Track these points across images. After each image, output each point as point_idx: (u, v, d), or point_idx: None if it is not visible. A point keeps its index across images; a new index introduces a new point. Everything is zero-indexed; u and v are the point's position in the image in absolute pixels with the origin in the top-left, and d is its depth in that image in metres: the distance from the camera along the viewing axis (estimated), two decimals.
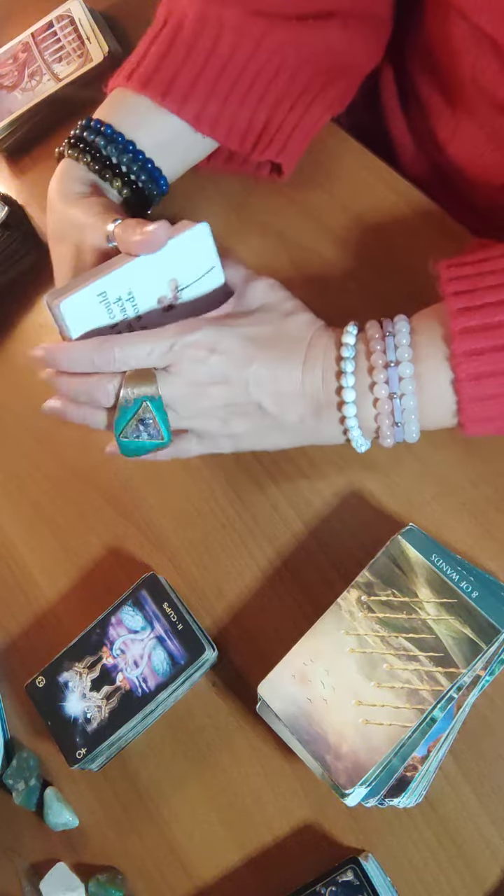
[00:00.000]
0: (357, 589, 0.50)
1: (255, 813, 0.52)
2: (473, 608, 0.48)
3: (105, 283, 0.49)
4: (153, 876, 0.53)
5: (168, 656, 0.53)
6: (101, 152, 0.55)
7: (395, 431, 0.48)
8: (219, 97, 0.56)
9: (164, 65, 0.55)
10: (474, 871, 0.48)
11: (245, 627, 0.55)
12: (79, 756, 0.52)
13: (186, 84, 0.55)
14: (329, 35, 0.57)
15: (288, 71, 0.56)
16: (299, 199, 0.63)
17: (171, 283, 0.51)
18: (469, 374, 0.45)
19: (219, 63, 0.55)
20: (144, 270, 0.49)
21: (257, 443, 0.52)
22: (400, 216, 0.60)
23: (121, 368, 0.48)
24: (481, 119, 0.60)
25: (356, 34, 0.59)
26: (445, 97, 0.63)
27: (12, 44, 0.76)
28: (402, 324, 0.47)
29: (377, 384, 0.47)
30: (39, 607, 0.60)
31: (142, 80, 0.55)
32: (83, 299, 0.49)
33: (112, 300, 0.50)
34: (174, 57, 0.55)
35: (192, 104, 0.55)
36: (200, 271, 0.51)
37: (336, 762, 0.46)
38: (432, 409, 0.47)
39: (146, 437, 0.49)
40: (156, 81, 0.55)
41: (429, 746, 0.47)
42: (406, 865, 0.49)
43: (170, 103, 0.55)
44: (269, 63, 0.56)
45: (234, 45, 0.55)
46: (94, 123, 0.56)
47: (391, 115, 0.69)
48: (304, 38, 0.56)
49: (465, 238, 0.58)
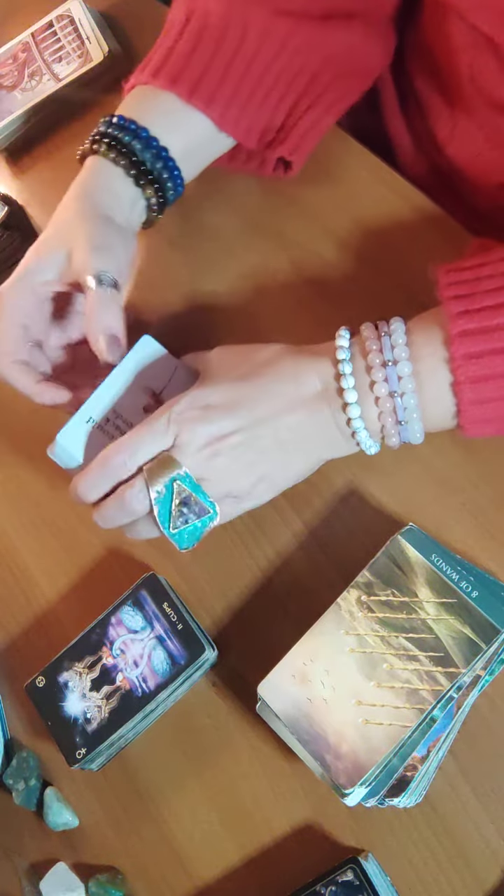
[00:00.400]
0: (357, 589, 0.50)
1: (255, 813, 0.52)
2: (473, 608, 0.48)
3: (87, 408, 0.53)
4: (153, 876, 0.53)
5: (168, 656, 0.53)
6: (137, 157, 0.55)
7: (399, 430, 0.48)
8: (242, 95, 0.56)
9: (192, 62, 0.55)
10: (474, 871, 0.48)
11: (245, 627, 0.55)
12: (79, 756, 0.52)
13: (214, 82, 0.55)
14: (351, 35, 0.57)
15: (310, 71, 0.57)
16: (299, 200, 0.63)
17: (146, 391, 0.55)
18: (468, 377, 0.45)
19: (244, 62, 0.55)
20: (117, 388, 0.54)
21: (284, 475, 0.51)
22: (400, 217, 0.60)
23: (136, 466, 0.48)
24: (480, 119, 0.60)
25: (374, 34, 0.59)
26: (444, 97, 0.63)
27: (12, 44, 0.76)
28: (398, 325, 0.47)
29: (377, 383, 0.47)
30: (39, 607, 0.60)
31: (169, 77, 0.55)
32: (75, 428, 0.53)
33: (101, 422, 0.54)
34: (201, 55, 0.55)
35: (218, 102, 0.55)
36: (167, 373, 0.55)
37: (336, 762, 0.46)
38: (433, 410, 0.47)
39: (193, 517, 0.49)
40: (184, 79, 0.55)
41: (429, 746, 0.47)
42: (406, 865, 0.49)
43: (197, 100, 0.55)
44: (292, 63, 0.56)
45: (259, 46, 0.55)
46: (130, 124, 0.55)
47: (390, 116, 0.69)
48: (328, 38, 0.56)
49: (465, 239, 0.58)
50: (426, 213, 0.60)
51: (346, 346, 0.48)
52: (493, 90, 0.56)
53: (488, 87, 0.57)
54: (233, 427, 0.48)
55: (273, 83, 0.56)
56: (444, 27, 0.57)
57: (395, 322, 0.47)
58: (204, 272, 0.64)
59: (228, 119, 0.56)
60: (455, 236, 0.58)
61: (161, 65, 0.56)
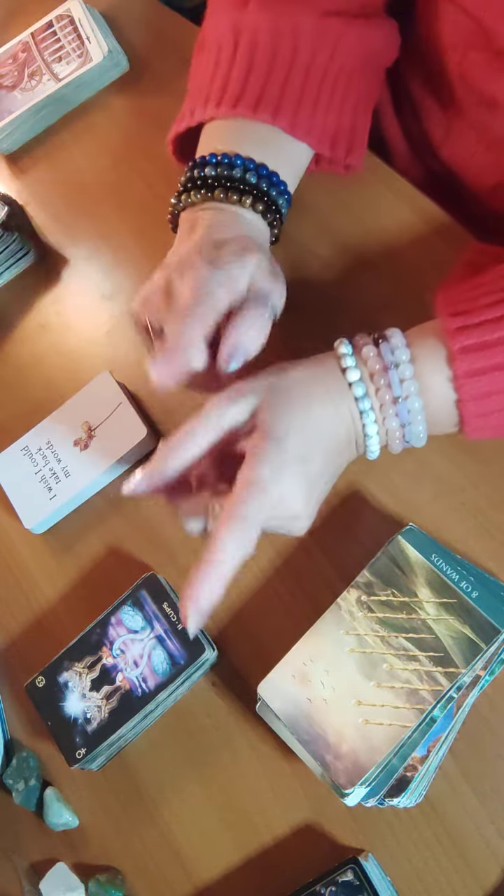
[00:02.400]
0: (357, 589, 0.50)
1: (255, 813, 0.52)
2: (473, 608, 0.48)
3: (26, 438, 0.62)
4: (153, 876, 0.53)
5: (168, 656, 0.53)
6: (246, 184, 0.52)
7: (404, 433, 0.47)
8: (308, 102, 0.55)
9: (250, 82, 0.54)
10: (474, 871, 0.48)
11: (245, 627, 0.55)
12: (79, 756, 0.52)
13: (275, 93, 0.54)
14: (386, 31, 0.58)
15: (361, 68, 0.57)
16: (299, 200, 0.63)
17: (83, 425, 0.61)
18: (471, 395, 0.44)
19: (302, 69, 0.54)
20: (59, 422, 0.62)
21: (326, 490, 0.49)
22: (399, 217, 0.60)
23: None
24: (471, 118, 0.60)
25: (395, 29, 0.59)
26: (437, 98, 0.63)
27: (12, 44, 0.76)
28: (398, 338, 0.46)
29: (380, 389, 0.46)
30: (39, 607, 0.60)
31: (231, 102, 0.54)
32: (9, 455, 0.62)
33: (33, 451, 0.62)
34: (258, 73, 0.54)
35: (285, 111, 0.54)
36: (109, 410, 0.61)
37: (336, 762, 0.46)
38: (435, 415, 0.47)
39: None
40: (246, 99, 0.54)
41: (429, 746, 0.47)
42: (406, 865, 0.49)
43: (262, 114, 0.53)
44: (347, 62, 0.56)
45: (316, 49, 0.54)
46: (236, 159, 0.52)
47: (385, 120, 0.70)
48: (371, 34, 0.57)
49: (464, 239, 0.58)
50: (426, 213, 0.60)
51: (349, 354, 0.47)
52: (483, 87, 0.57)
53: (478, 84, 0.57)
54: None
55: (333, 84, 0.56)
56: (436, 23, 0.57)
57: (392, 333, 0.47)
58: None
59: (299, 126, 0.54)
60: (455, 237, 0.58)
61: (221, 95, 0.54)
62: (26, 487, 0.61)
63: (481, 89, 0.57)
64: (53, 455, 0.61)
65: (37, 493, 0.60)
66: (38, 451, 0.61)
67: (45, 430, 0.62)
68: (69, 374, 0.65)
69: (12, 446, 0.62)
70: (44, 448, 0.61)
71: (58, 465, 0.61)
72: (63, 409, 0.62)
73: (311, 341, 0.51)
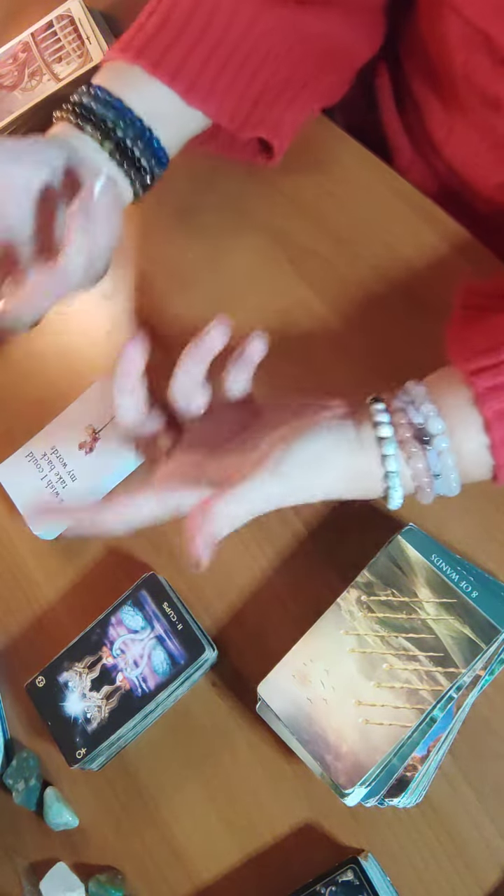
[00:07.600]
0: (357, 589, 0.50)
1: (255, 813, 0.52)
2: (473, 608, 0.48)
3: (30, 445, 0.62)
4: (153, 876, 0.53)
5: (168, 656, 0.53)
6: (95, 116, 0.53)
7: (434, 485, 0.44)
8: (210, 72, 0.55)
9: (159, 37, 0.55)
10: (474, 871, 0.48)
11: (245, 627, 0.55)
12: (79, 756, 0.52)
13: (179, 56, 0.55)
14: (326, 22, 0.57)
15: (280, 53, 0.56)
16: (298, 199, 0.63)
17: (87, 428, 0.61)
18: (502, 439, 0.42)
19: (212, 39, 0.55)
20: (62, 426, 0.62)
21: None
22: (400, 217, 0.60)
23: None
24: (474, 118, 0.60)
25: (355, 23, 0.59)
26: (440, 97, 0.63)
27: (12, 44, 0.76)
28: (419, 390, 0.44)
29: (412, 457, 0.43)
30: (39, 607, 0.60)
31: (135, 51, 0.55)
32: (14, 462, 0.62)
33: (38, 457, 0.61)
34: (169, 31, 0.55)
35: (184, 76, 0.55)
36: (110, 415, 0.60)
37: (336, 762, 0.46)
38: (468, 468, 0.45)
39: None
40: (149, 52, 0.55)
41: (429, 746, 0.47)
42: (406, 865, 0.49)
43: (161, 74, 0.54)
44: (261, 44, 0.55)
45: (228, 24, 0.55)
46: (92, 89, 0.54)
47: (388, 119, 0.70)
48: (300, 22, 0.56)
49: (465, 239, 0.58)
50: (427, 213, 0.60)
51: (381, 409, 0.44)
52: (487, 87, 0.56)
53: (482, 85, 0.57)
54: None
55: (242, 61, 0.56)
56: (439, 25, 0.57)
57: (414, 387, 0.44)
58: (204, 272, 0.64)
59: (196, 93, 0.55)
60: (455, 237, 0.58)
61: (129, 41, 0.55)
62: (33, 494, 0.61)
63: (485, 90, 0.57)
64: (59, 459, 0.61)
65: (44, 499, 0.60)
66: (44, 457, 0.61)
67: (48, 435, 0.62)
68: (69, 374, 0.65)
69: (16, 453, 0.62)
70: (49, 453, 0.61)
71: (63, 470, 0.61)
72: (66, 414, 0.62)
73: (309, 339, 0.51)
